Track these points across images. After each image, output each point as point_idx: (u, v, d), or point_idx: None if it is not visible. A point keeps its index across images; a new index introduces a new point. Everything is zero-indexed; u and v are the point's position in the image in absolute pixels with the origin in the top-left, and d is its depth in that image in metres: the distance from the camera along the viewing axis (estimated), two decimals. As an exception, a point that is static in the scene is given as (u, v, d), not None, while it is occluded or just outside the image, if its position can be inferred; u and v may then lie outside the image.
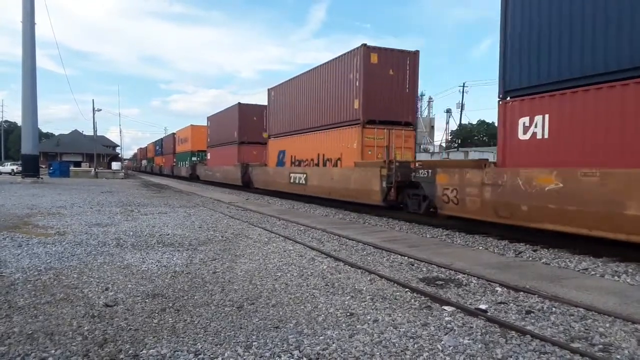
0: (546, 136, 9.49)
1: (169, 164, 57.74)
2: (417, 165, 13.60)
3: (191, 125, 45.48)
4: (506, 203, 9.91)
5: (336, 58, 17.97)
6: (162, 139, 66.31)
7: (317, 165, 19.22)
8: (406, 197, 13.86)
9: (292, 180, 21.11)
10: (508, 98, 10.51)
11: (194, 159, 44.18)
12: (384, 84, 16.44)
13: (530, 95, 9.86)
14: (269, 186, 24.58)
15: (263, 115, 24.78)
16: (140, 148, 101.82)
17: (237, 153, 30.04)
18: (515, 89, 10.28)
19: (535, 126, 9.76)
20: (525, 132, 9.99)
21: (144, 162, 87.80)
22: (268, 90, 25.47)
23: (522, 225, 9.73)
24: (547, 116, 9.51)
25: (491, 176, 10.32)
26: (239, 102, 30.20)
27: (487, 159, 12.08)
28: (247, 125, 29.57)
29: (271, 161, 24.77)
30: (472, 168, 11.14)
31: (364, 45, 16.24)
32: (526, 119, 10.01)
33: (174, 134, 55.64)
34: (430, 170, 12.48)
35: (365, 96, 16.22)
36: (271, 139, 24.89)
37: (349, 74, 16.94)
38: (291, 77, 22.55)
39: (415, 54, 17.00)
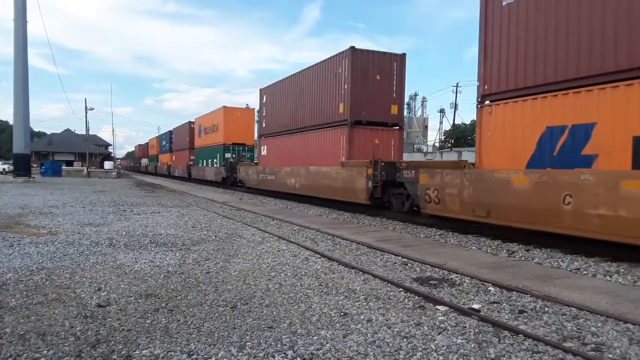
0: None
1: (182, 162, 45.22)
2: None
3: (224, 107, 32.85)
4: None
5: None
6: (170, 131, 52.30)
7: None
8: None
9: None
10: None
11: (227, 155, 32.10)
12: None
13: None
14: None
15: (390, 73, 16.69)
16: (140, 145, 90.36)
17: (345, 141, 16.68)
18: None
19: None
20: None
21: (145, 161, 77.22)
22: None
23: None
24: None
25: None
26: (352, 47, 16.25)
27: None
28: (363, 92, 16.54)
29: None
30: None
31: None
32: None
33: (191, 122, 42.31)
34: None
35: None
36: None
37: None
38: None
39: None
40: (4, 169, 54.40)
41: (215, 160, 34.45)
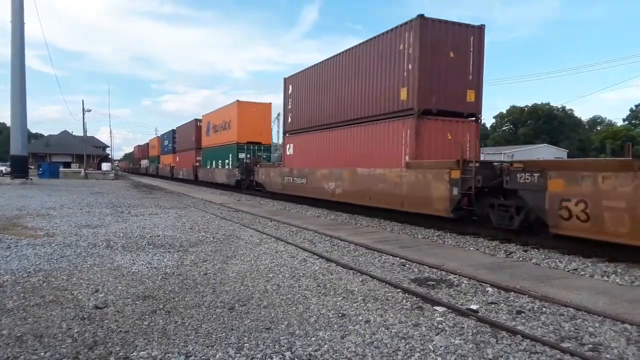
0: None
1: (187, 163, 41.60)
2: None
3: (237, 102, 29.08)
4: None
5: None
6: (174, 130, 48.46)
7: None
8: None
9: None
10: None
11: (242, 156, 28.65)
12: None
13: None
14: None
15: (466, 49, 13.57)
16: (139, 145, 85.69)
17: (409, 135, 13.45)
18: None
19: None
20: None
21: (144, 162, 72.80)
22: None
23: None
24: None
25: None
26: (420, 15, 13.00)
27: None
28: (433, 73, 13.27)
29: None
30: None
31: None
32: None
33: (197, 120, 38.79)
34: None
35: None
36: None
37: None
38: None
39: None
40: (1, 170, 54.28)
41: (227, 161, 30.49)
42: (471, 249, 9.65)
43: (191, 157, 40.01)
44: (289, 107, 21.46)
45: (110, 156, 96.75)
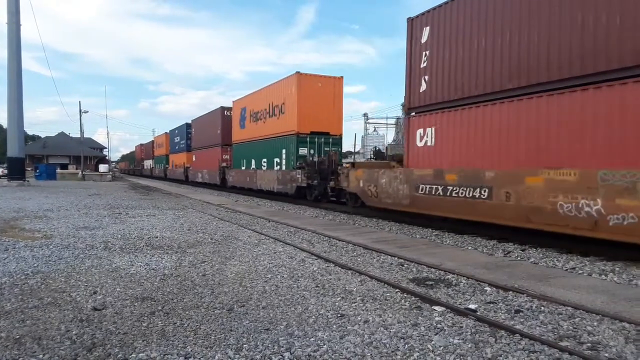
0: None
1: (209, 164, 33.27)
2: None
3: (297, 74, 20.66)
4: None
5: None
6: (188, 124, 41.45)
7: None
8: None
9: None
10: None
11: (303, 151, 20.82)
12: None
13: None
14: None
15: None
16: (141, 145, 79.41)
17: None
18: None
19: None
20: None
21: (149, 163, 66.34)
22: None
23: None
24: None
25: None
26: None
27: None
28: None
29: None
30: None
31: None
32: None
33: (224, 108, 31.18)
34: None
35: None
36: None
37: None
38: None
39: None
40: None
41: (277, 159, 22.44)
42: (469, 248, 9.66)
43: (215, 155, 31.93)
44: (424, 65, 13.11)
45: (107, 157, 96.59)
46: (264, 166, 24.21)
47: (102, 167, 72.78)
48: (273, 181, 22.43)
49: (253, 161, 25.83)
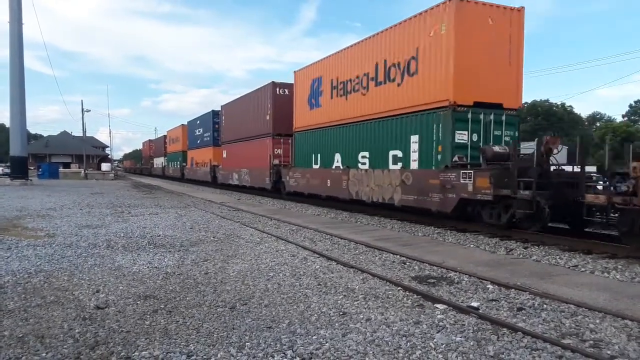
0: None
1: (251, 161, 24.91)
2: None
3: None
4: None
5: None
6: (215, 111, 33.28)
7: None
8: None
9: None
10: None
11: (461, 138, 12.06)
12: None
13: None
14: None
15: None
16: (150, 141, 71.23)
17: None
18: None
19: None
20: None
21: (159, 161, 58.38)
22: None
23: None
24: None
25: None
26: None
27: None
28: None
29: None
30: None
31: None
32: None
33: (275, 84, 22.62)
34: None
35: None
36: None
37: None
38: None
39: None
40: (0, 171, 54.24)
41: (397, 153, 13.96)
42: (471, 246, 9.65)
43: (262, 149, 23.40)
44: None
45: (109, 156, 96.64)
46: (364, 164, 15.48)
47: (105, 166, 72.76)
48: (391, 188, 13.77)
49: (337, 156, 17.27)
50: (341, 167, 16.83)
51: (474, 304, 5.52)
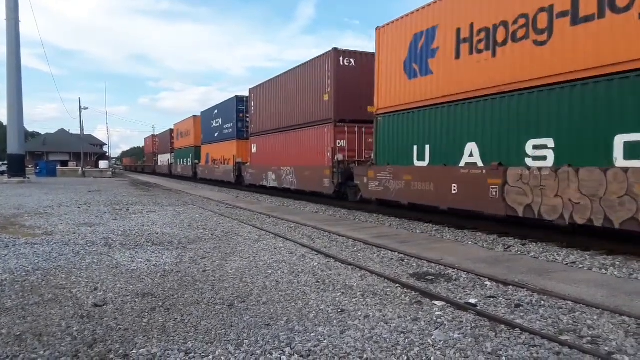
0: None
1: (298, 157, 19.63)
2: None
3: None
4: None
5: None
6: (240, 98, 28.25)
7: None
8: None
9: None
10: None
11: None
12: None
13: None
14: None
15: None
16: (153, 136, 64.70)
17: None
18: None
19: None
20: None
21: (165, 158, 52.61)
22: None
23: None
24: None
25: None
26: None
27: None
28: None
29: None
30: None
31: None
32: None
33: (338, 52, 16.82)
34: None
35: None
36: None
37: None
38: None
39: None
40: None
41: (629, 137, 7.60)
42: (469, 243, 9.66)
43: (317, 141, 18.17)
44: None
45: (107, 154, 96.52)
46: (543, 158, 9.24)
47: (103, 164, 72.68)
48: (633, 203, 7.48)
49: (472, 147, 10.94)
50: (481, 165, 10.57)
51: (472, 301, 5.53)
